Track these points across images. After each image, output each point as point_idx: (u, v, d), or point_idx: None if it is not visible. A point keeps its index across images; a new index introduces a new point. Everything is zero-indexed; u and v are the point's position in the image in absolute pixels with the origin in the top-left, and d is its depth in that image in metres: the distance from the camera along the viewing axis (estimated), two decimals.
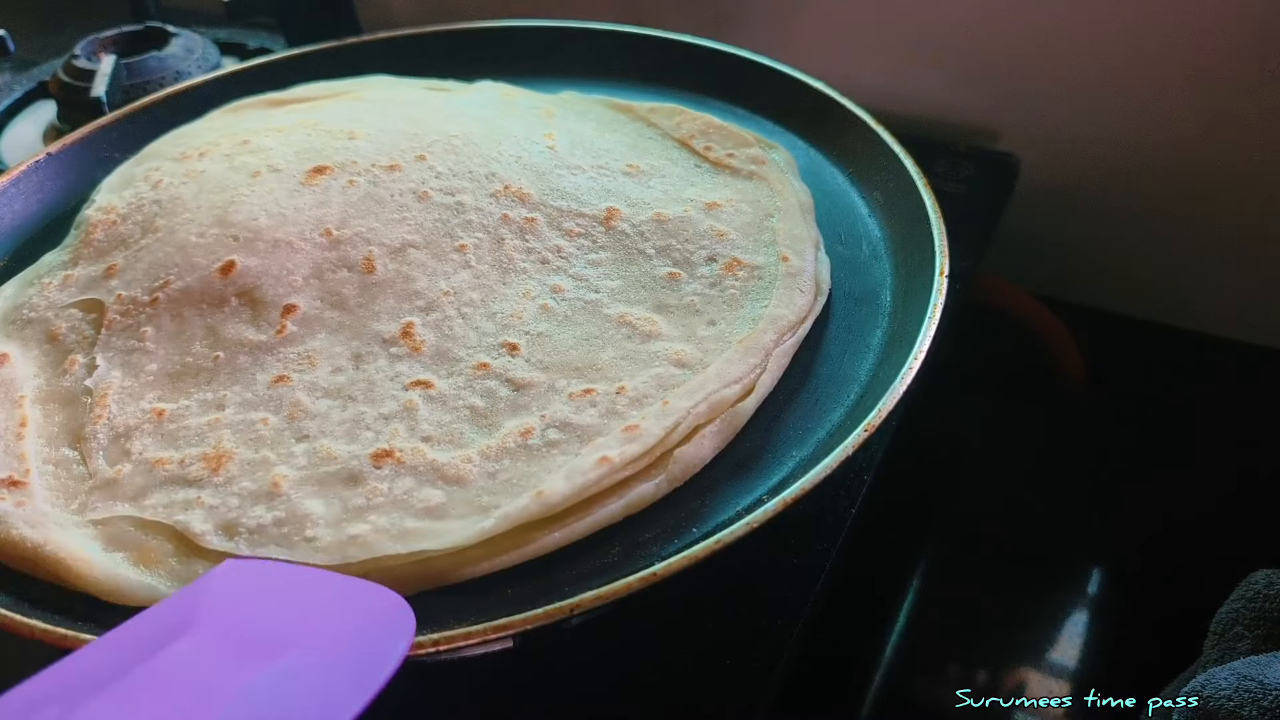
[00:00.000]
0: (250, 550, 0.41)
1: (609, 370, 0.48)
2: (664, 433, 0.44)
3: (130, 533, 0.43)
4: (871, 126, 0.62)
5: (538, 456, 0.44)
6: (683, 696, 0.48)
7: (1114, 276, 0.88)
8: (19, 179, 0.64)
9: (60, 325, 0.53)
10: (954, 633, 0.69)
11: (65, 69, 0.85)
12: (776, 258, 0.54)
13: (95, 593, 0.41)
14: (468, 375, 0.48)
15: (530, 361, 0.49)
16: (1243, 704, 0.41)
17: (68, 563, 0.41)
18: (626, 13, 0.90)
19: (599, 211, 0.57)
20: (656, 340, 0.50)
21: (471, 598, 0.40)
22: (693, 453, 0.44)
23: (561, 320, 0.51)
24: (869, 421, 0.42)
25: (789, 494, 0.39)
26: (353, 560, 0.40)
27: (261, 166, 0.59)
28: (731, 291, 0.52)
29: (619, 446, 0.43)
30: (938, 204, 0.54)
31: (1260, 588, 0.49)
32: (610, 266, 0.54)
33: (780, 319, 0.50)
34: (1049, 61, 0.81)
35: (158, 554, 0.42)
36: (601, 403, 0.46)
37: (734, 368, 0.47)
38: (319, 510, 0.42)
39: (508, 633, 0.36)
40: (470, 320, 0.51)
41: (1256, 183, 0.78)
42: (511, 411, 0.46)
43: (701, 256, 0.55)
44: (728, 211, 0.57)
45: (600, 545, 0.41)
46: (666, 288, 0.53)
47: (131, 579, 0.41)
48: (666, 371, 0.47)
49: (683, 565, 0.37)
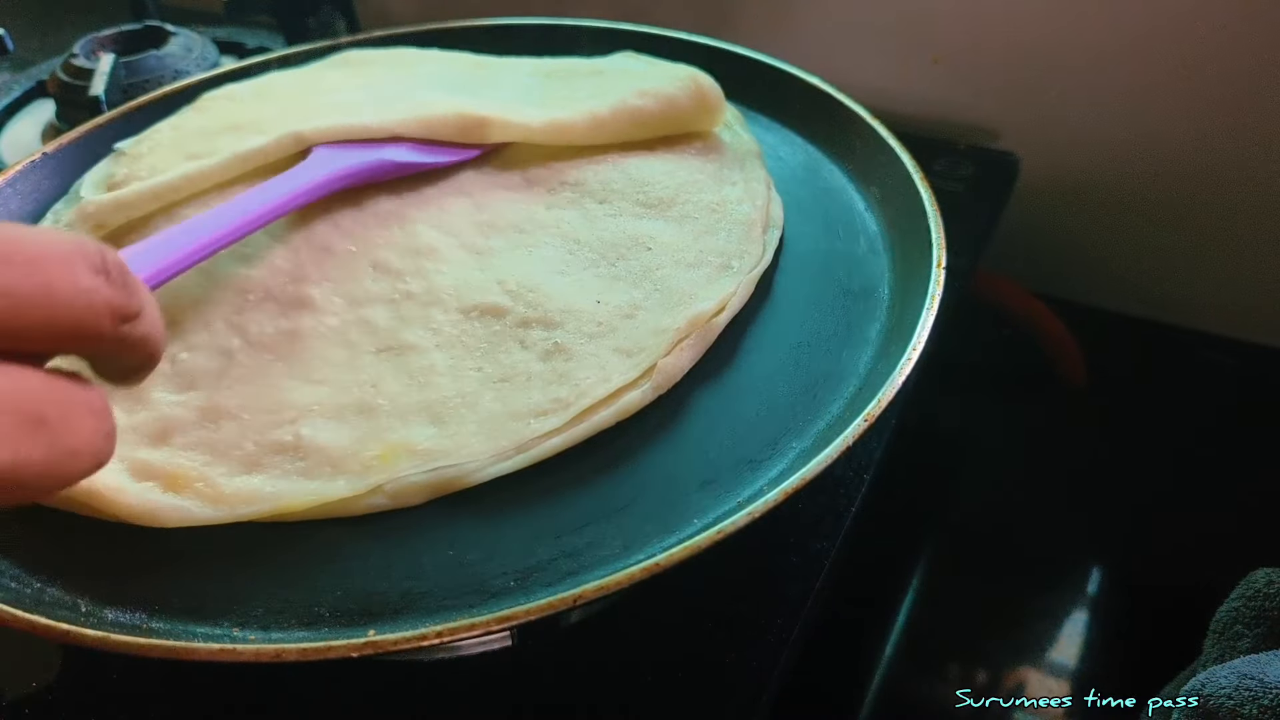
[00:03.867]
0: (271, 486, 0.43)
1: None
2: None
3: (156, 465, 0.44)
4: (869, 123, 0.62)
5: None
6: (682, 696, 0.47)
7: (1114, 275, 0.88)
8: (16, 178, 0.64)
9: None
10: (954, 633, 0.69)
11: (64, 68, 0.85)
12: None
13: (130, 519, 0.43)
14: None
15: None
16: (1243, 702, 0.41)
17: (102, 493, 0.43)
18: (625, 10, 0.90)
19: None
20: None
21: (477, 595, 0.40)
22: (674, 363, 0.48)
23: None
24: (868, 411, 0.42)
25: (789, 484, 0.39)
26: (372, 464, 0.44)
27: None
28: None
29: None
30: (934, 198, 0.54)
31: (1260, 586, 0.48)
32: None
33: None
34: (1050, 60, 0.81)
35: (185, 480, 0.44)
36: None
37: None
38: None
39: (510, 624, 0.36)
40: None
41: (1256, 181, 0.78)
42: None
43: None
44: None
45: (603, 539, 0.41)
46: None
47: (164, 503, 0.43)
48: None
49: (685, 555, 0.37)
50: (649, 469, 0.45)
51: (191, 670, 0.39)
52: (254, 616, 0.39)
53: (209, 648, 0.35)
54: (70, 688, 0.49)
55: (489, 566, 0.41)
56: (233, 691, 0.48)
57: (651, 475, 0.44)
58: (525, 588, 0.39)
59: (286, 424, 0.46)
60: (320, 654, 0.35)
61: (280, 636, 0.38)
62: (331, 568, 0.41)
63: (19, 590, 0.40)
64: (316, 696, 0.48)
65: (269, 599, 0.40)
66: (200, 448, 0.45)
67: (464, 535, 0.42)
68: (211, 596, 0.40)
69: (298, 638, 0.38)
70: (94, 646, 0.36)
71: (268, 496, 0.43)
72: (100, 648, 0.36)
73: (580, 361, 0.48)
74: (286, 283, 0.52)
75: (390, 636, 0.35)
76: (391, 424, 0.46)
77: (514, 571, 0.40)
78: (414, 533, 0.43)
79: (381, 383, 0.48)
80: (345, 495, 0.43)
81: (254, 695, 0.48)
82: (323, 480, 0.44)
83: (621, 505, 0.43)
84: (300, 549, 0.42)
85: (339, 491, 0.43)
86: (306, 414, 0.46)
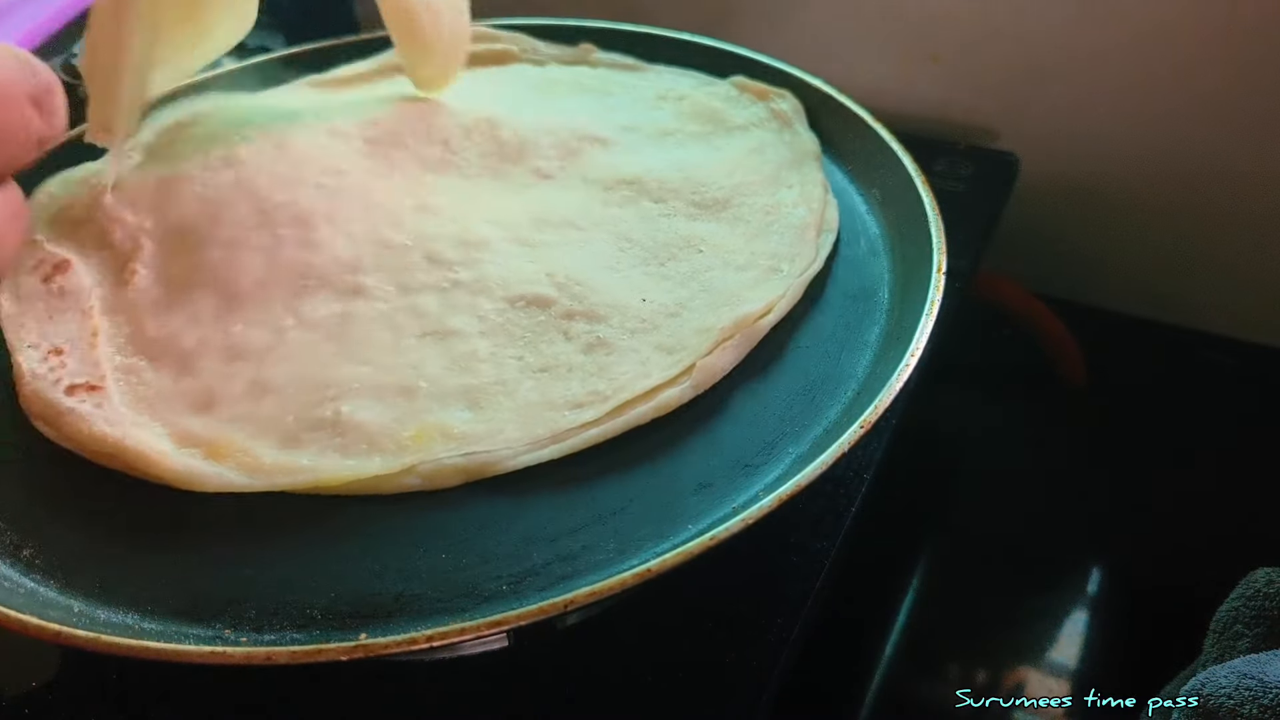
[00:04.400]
0: (308, 460, 0.44)
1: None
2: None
3: (199, 434, 0.46)
4: (869, 124, 0.62)
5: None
6: (682, 697, 0.47)
7: (1114, 275, 0.88)
8: (16, 176, 0.64)
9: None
10: (954, 633, 0.69)
11: (64, 68, 0.85)
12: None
13: (172, 482, 0.44)
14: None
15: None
16: (1243, 702, 0.41)
17: (147, 455, 0.44)
18: (624, 10, 0.90)
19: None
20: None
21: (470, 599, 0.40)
22: (715, 362, 0.48)
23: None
24: (865, 418, 0.42)
25: (784, 490, 0.39)
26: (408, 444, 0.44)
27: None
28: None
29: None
30: (935, 200, 0.54)
31: (1260, 586, 0.48)
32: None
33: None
34: (1050, 60, 0.81)
35: (227, 449, 0.45)
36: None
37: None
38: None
39: (502, 628, 0.36)
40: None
41: (1256, 181, 0.78)
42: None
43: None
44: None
45: (597, 543, 0.41)
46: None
47: (205, 469, 0.44)
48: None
49: (678, 561, 0.37)
50: (645, 472, 0.45)
51: (190, 670, 0.39)
52: (247, 618, 0.39)
53: (199, 650, 0.36)
54: (69, 687, 0.49)
55: (483, 570, 0.41)
56: (232, 691, 0.48)
57: (648, 478, 0.44)
58: (518, 591, 0.39)
59: (328, 401, 0.47)
60: (311, 657, 0.35)
61: (272, 639, 0.38)
62: (325, 570, 0.41)
63: (12, 590, 0.41)
64: (318, 695, 0.48)
65: (262, 600, 0.40)
66: (242, 419, 0.47)
67: (458, 538, 0.42)
68: (205, 597, 0.40)
69: (290, 640, 0.38)
70: (85, 647, 0.36)
71: (305, 469, 0.44)
72: (91, 648, 0.36)
73: (621, 356, 0.48)
74: (344, 272, 0.54)
75: (381, 640, 0.35)
76: (429, 406, 0.46)
77: (507, 575, 0.40)
78: (409, 535, 0.43)
79: (424, 365, 0.48)
80: (380, 473, 0.44)
81: (254, 694, 0.48)
82: (359, 458, 0.44)
83: (617, 508, 0.43)
84: (295, 551, 0.42)
85: (374, 469, 0.44)
86: (348, 392, 0.47)
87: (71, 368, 0.49)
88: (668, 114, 0.67)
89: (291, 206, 0.56)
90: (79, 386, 0.48)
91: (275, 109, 0.66)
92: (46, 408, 0.47)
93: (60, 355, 0.50)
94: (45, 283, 0.54)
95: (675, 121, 0.66)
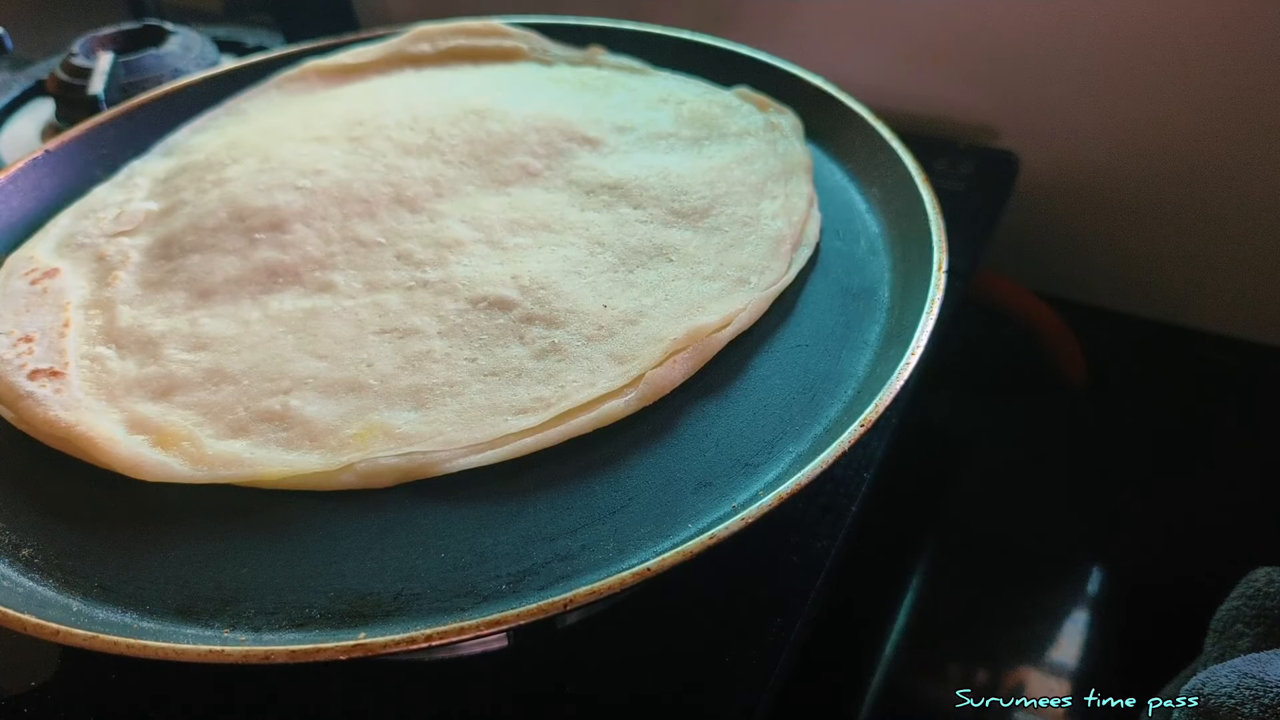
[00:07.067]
0: (250, 453, 0.45)
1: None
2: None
3: (151, 420, 0.47)
4: (870, 123, 0.62)
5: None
6: (682, 696, 0.47)
7: (1114, 274, 0.87)
8: (16, 176, 0.64)
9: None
10: (954, 633, 0.69)
11: (63, 67, 0.85)
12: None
13: (118, 468, 0.45)
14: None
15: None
16: (1243, 701, 0.41)
17: (96, 442, 0.45)
18: (624, 9, 0.90)
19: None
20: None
21: (469, 598, 0.40)
22: (664, 375, 0.47)
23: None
24: (865, 416, 0.42)
25: (784, 489, 0.39)
26: (349, 441, 0.45)
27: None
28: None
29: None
30: (936, 199, 0.54)
31: (1260, 585, 0.48)
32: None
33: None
34: (1050, 59, 0.81)
35: (174, 439, 0.46)
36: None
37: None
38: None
39: (502, 627, 0.36)
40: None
41: (1257, 181, 0.78)
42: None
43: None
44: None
45: (596, 542, 0.41)
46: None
47: (150, 458, 0.45)
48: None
49: (676, 560, 0.37)
50: (646, 470, 0.45)
51: (188, 669, 0.39)
52: (245, 617, 0.39)
53: (197, 649, 0.35)
54: (69, 686, 0.49)
55: (482, 569, 0.41)
56: (232, 690, 0.48)
57: (648, 476, 0.44)
58: (518, 591, 0.39)
59: (280, 393, 0.47)
60: (309, 656, 0.35)
61: (271, 638, 0.38)
62: (324, 569, 0.41)
63: (11, 589, 0.41)
64: (319, 693, 0.48)
65: (261, 600, 0.40)
66: (196, 407, 0.47)
67: (458, 537, 0.42)
68: (203, 597, 0.40)
69: (288, 639, 0.38)
70: (82, 647, 0.36)
71: (246, 463, 0.44)
72: (89, 648, 0.36)
73: (572, 363, 0.48)
74: (314, 269, 0.55)
75: (380, 639, 0.35)
76: (376, 404, 0.47)
77: (507, 575, 0.40)
78: (408, 535, 0.42)
79: (377, 362, 0.49)
80: (318, 470, 0.44)
81: (254, 694, 0.48)
82: (300, 452, 0.45)
83: (617, 507, 0.43)
84: (294, 550, 0.42)
85: (312, 465, 0.44)
86: (299, 385, 0.48)
87: (38, 354, 0.50)
88: (665, 116, 0.66)
89: (268, 211, 0.57)
90: (41, 372, 0.49)
91: (268, 128, 0.66)
92: (7, 391, 0.48)
93: (29, 342, 0.51)
94: (33, 284, 0.56)
95: (672, 125, 0.65)
